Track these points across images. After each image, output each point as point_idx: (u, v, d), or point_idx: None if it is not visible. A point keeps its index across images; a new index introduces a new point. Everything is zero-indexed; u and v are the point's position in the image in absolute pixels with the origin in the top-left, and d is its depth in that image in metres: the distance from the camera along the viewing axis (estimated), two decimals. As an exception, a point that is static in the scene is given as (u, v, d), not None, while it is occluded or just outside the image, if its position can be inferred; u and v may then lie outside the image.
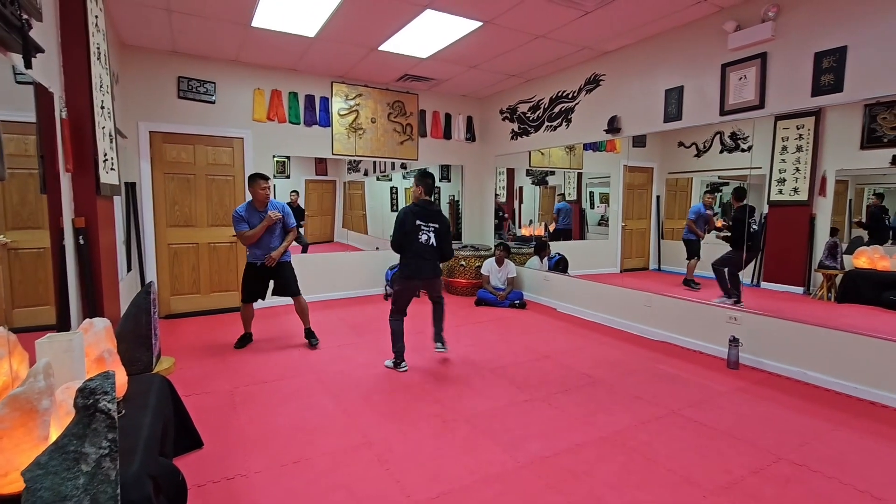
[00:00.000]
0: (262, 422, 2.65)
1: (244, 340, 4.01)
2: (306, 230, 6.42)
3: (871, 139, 3.20)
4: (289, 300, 4.03)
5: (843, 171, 3.44)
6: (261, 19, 3.94)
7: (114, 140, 3.27)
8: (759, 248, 4.01)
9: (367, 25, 4.06)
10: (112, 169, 3.12)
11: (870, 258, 3.44)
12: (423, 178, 3.48)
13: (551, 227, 6.53)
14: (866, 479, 2.09)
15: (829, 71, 3.14)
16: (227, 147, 5.14)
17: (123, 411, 1.82)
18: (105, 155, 2.95)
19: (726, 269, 4.13)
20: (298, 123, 5.47)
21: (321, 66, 5.21)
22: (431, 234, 3.43)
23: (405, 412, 2.77)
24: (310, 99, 5.50)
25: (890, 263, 3.36)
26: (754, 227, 3.97)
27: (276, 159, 5.53)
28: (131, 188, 4.43)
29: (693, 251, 4.64)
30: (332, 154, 5.72)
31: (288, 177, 6.00)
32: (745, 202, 4.08)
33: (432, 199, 3.54)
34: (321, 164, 6.23)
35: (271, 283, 3.94)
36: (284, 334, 4.35)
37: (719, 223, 4.57)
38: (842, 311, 3.43)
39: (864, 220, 3.52)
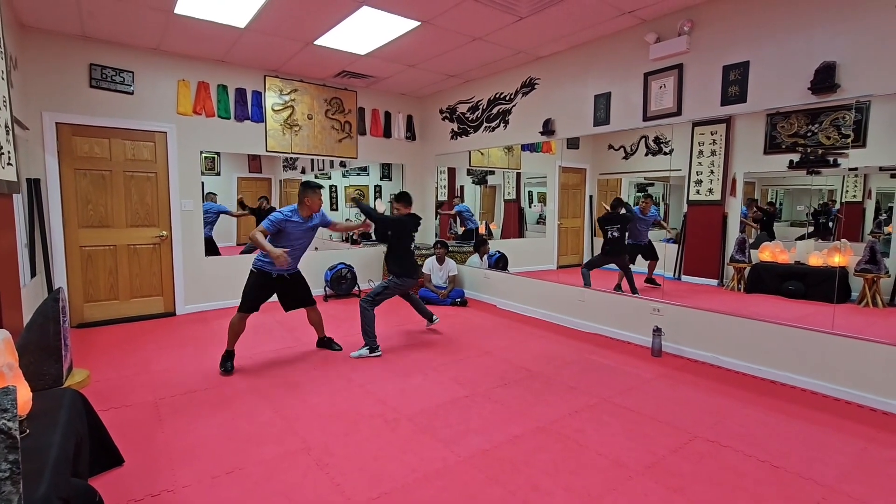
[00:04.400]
0: (191, 433, 2.50)
1: (231, 358, 3.45)
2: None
3: (772, 145, 3.55)
4: (218, 304, 3.82)
5: (750, 173, 3.80)
6: (185, 6, 3.70)
7: (10, 131, 2.94)
8: (617, 252, 4.59)
9: (302, 19, 3.94)
10: (9, 164, 2.81)
11: (772, 252, 3.83)
12: (405, 197, 4.05)
13: (461, 230, 6.68)
14: (767, 451, 2.32)
15: (735, 83, 3.45)
16: (148, 142, 4.78)
17: (28, 430, 1.65)
18: (0, 148, 2.65)
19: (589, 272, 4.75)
20: (229, 118, 5.20)
21: (253, 58, 4.98)
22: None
23: (345, 414, 2.72)
24: (241, 92, 5.24)
25: (789, 256, 3.76)
26: (614, 233, 4.61)
27: (204, 155, 5.23)
28: (34, 185, 4.01)
29: (650, 254, 4.71)
30: (266, 151, 5.50)
31: (218, 174, 5.69)
32: (619, 210, 4.65)
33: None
34: (255, 161, 5.96)
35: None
36: (217, 340, 4.13)
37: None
38: (749, 301, 3.79)
39: (761, 217, 3.95)
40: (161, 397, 2.95)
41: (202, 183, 5.18)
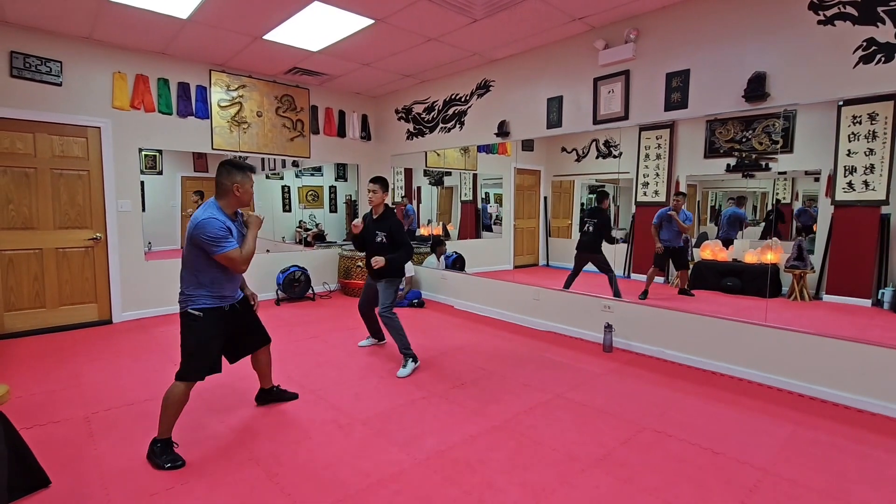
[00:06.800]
0: (127, 449, 2.33)
1: (170, 446, 2.24)
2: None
3: (711, 150, 3.76)
4: (159, 310, 3.55)
5: (692, 176, 4.00)
6: (120, -7, 3.47)
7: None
8: (590, 248, 4.43)
9: (250, 12, 3.79)
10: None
11: (712, 250, 4.04)
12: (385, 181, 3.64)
13: (450, 228, 6.66)
14: (708, 438, 2.44)
15: (678, 90, 3.62)
16: (79, 137, 4.44)
17: (-71, 455, 1.48)
18: None
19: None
20: (171, 114, 4.93)
21: (197, 51, 4.75)
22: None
23: (296, 422, 2.63)
24: (184, 87, 4.98)
25: (727, 254, 3.99)
26: (589, 227, 4.45)
27: (144, 153, 4.92)
28: (-55, 182, 3.64)
29: (680, 262, 4.12)
30: (213, 149, 5.26)
31: (160, 173, 5.37)
32: (603, 203, 4.45)
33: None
34: (200, 160, 5.66)
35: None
36: (158, 347, 3.89)
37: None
38: (692, 297, 3.98)
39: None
40: (94, 412, 2.74)
41: (142, 182, 4.88)
